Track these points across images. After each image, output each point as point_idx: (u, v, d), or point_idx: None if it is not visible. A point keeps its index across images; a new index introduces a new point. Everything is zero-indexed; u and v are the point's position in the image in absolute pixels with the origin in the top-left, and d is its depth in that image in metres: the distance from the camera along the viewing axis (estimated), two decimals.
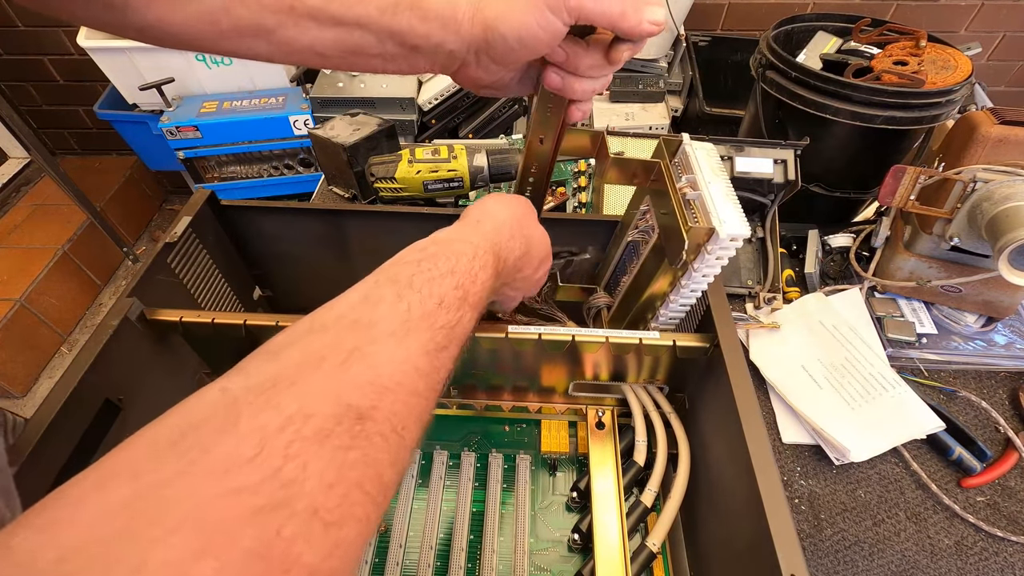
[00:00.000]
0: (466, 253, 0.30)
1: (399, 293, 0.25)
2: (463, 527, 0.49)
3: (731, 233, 0.38)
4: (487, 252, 0.32)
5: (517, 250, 0.36)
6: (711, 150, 0.43)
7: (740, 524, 0.38)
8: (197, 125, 1.27)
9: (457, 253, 0.30)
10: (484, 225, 0.34)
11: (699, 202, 0.41)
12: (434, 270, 0.28)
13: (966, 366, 0.64)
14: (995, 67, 1.63)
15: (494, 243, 0.33)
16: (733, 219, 0.39)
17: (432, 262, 0.28)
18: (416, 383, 0.23)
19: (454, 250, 0.30)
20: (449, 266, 0.28)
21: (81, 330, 1.65)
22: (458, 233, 0.33)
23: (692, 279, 0.43)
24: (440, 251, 0.29)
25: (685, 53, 1.32)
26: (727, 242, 0.39)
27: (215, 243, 0.56)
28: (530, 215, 0.40)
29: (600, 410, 0.55)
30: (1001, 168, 0.55)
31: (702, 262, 0.41)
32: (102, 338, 0.42)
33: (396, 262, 0.29)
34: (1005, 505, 0.54)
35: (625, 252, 0.54)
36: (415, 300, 0.25)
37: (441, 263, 0.28)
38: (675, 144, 0.45)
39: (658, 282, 0.46)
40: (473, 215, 0.36)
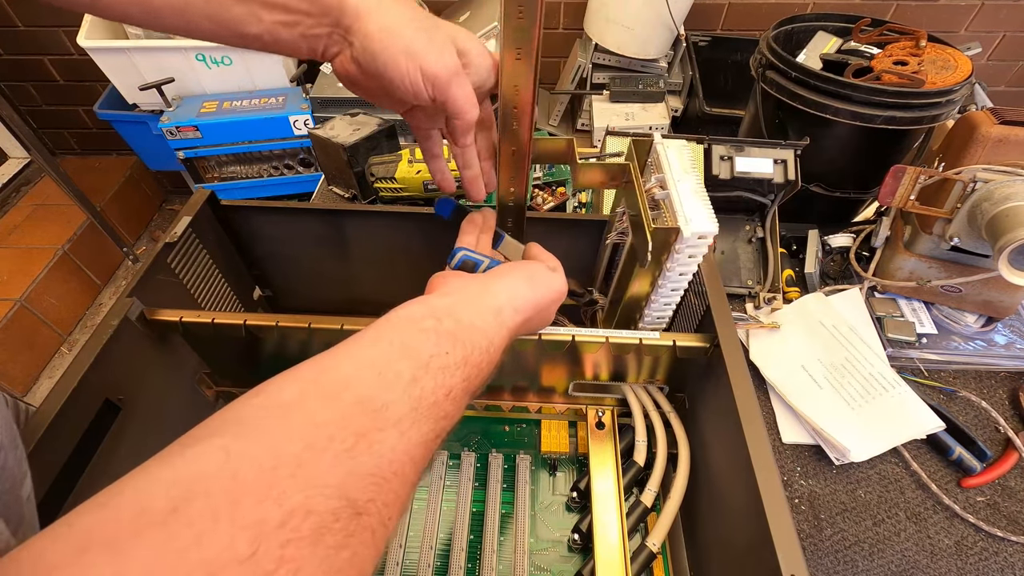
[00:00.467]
0: (479, 345, 0.29)
1: (415, 375, 0.24)
2: (463, 527, 0.49)
3: (697, 231, 0.38)
4: (499, 348, 0.31)
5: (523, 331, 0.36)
6: (683, 147, 0.43)
7: (740, 524, 0.38)
8: (197, 125, 1.27)
9: (473, 343, 0.28)
10: (505, 318, 0.32)
11: (667, 201, 0.40)
12: (450, 356, 0.26)
13: (966, 366, 0.64)
14: (995, 67, 1.63)
15: (508, 338, 0.32)
16: (700, 217, 0.39)
17: (450, 343, 0.27)
18: (409, 473, 0.22)
19: (471, 339, 0.28)
20: (463, 355, 0.27)
21: (81, 330, 1.65)
22: (477, 316, 0.30)
23: (669, 279, 0.43)
24: (458, 333, 0.28)
25: (685, 53, 1.32)
26: (695, 240, 0.39)
27: (215, 243, 0.56)
28: (555, 305, 0.39)
29: (600, 410, 0.55)
30: (1001, 168, 0.55)
31: (674, 261, 0.41)
32: (102, 338, 0.42)
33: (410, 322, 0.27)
34: (1005, 505, 0.54)
35: (612, 254, 0.54)
36: (428, 388, 0.24)
37: (458, 349, 0.27)
38: (646, 144, 0.44)
39: (638, 283, 0.46)
40: (497, 298, 0.33)
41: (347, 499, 0.18)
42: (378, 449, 0.21)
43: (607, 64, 1.34)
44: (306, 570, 0.16)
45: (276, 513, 0.16)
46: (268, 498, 0.17)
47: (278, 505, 0.16)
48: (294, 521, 0.16)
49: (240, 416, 0.20)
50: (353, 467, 0.19)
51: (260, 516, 0.16)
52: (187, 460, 0.17)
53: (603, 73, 1.34)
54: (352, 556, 0.18)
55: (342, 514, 0.18)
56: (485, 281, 0.35)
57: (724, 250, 0.73)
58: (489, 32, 1.19)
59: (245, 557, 0.15)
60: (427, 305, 0.30)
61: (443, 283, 0.35)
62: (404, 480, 0.22)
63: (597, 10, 1.25)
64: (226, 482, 0.17)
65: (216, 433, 0.19)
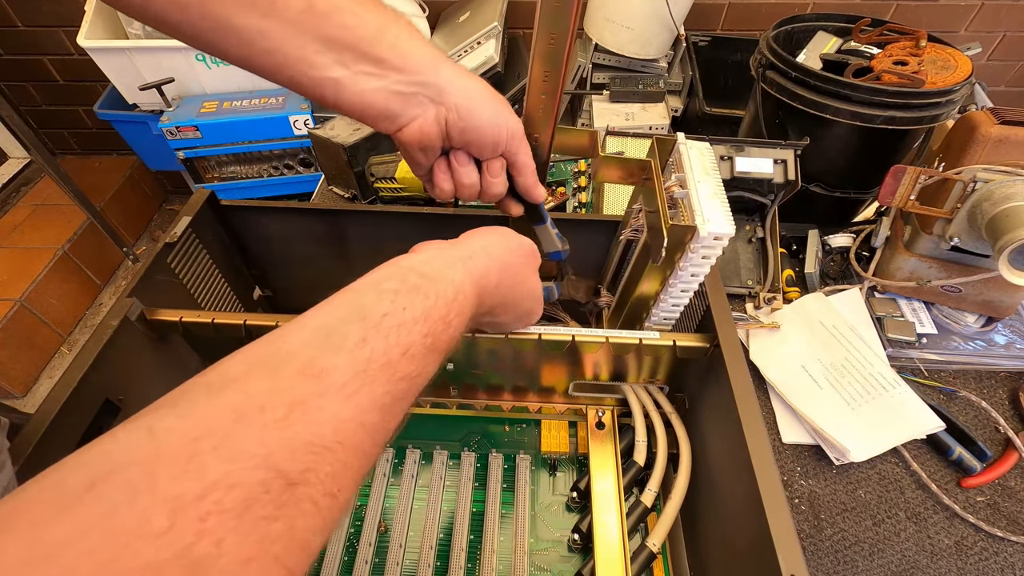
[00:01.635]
0: (445, 295, 0.28)
1: (364, 336, 0.23)
2: (463, 527, 0.49)
3: (714, 232, 0.38)
4: (468, 296, 0.30)
5: (498, 298, 0.35)
6: (706, 149, 0.44)
7: (740, 524, 0.38)
8: (197, 125, 1.27)
9: (437, 293, 0.27)
10: (474, 263, 0.32)
11: (686, 201, 0.41)
12: (408, 311, 0.25)
13: (966, 366, 0.64)
14: (995, 67, 1.63)
15: (479, 285, 0.31)
16: (718, 218, 0.39)
17: (409, 298, 0.26)
18: (361, 440, 0.21)
19: (436, 289, 0.27)
20: (424, 309, 0.26)
21: (81, 330, 1.65)
22: (445, 266, 0.30)
23: (680, 278, 0.43)
24: (421, 286, 0.27)
25: (685, 53, 1.32)
26: (710, 240, 0.39)
27: (215, 243, 0.56)
28: (530, 264, 0.39)
29: (600, 410, 0.55)
30: (1001, 168, 0.55)
31: (687, 261, 0.41)
32: (102, 338, 0.42)
33: (373, 285, 0.27)
34: (1005, 505, 0.54)
35: (624, 251, 0.54)
36: (379, 348, 0.23)
37: (418, 303, 0.26)
38: (670, 143, 0.45)
39: (649, 281, 0.46)
40: (468, 246, 0.34)
41: (276, 470, 0.18)
42: (316, 416, 0.20)
43: (607, 64, 1.34)
44: (229, 540, 0.16)
45: (195, 486, 0.16)
46: (187, 472, 0.16)
47: (197, 478, 0.16)
48: (215, 494, 0.16)
49: (181, 394, 0.20)
50: (284, 437, 0.18)
51: (178, 490, 0.16)
52: (114, 439, 0.17)
53: (603, 73, 1.34)
54: (287, 527, 0.17)
55: (272, 485, 0.17)
56: (459, 239, 0.35)
57: (724, 250, 0.73)
58: (489, 32, 1.19)
59: (162, 531, 0.15)
60: (394, 265, 0.29)
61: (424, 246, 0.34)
62: (354, 448, 0.21)
63: (597, 10, 1.25)
64: (145, 457, 0.16)
65: (148, 413, 0.19)
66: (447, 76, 0.36)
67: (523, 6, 1.49)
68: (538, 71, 0.38)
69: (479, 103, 0.37)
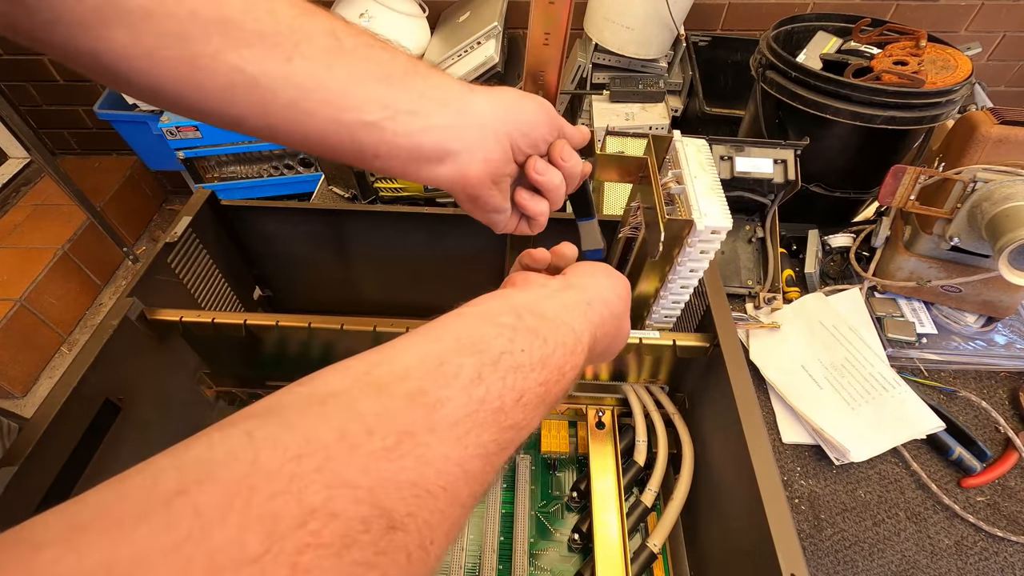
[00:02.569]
0: (565, 344, 0.25)
1: (480, 372, 0.21)
2: (463, 527, 0.49)
3: (711, 225, 0.38)
4: (585, 350, 0.26)
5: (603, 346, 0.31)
6: (702, 146, 0.44)
7: (740, 524, 0.38)
8: (197, 125, 1.27)
9: (557, 342, 0.24)
10: (594, 311, 0.28)
11: (683, 196, 0.41)
12: (526, 354, 0.23)
13: (966, 366, 0.64)
14: (995, 67, 1.63)
15: (594, 336, 0.28)
16: (714, 212, 0.39)
17: (527, 341, 0.23)
18: (461, 490, 0.18)
19: (556, 337, 0.24)
20: (543, 355, 0.23)
21: (81, 330, 1.65)
22: (565, 311, 0.27)
23: (679, 274, 0.43)
24: (540, 329, 0.24)
25: (685, 53, 1.32)
26: (708, 234, 0.39)
27: (215, 243, 0.56)
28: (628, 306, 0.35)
29: (600, 410, 0.55)
30: (1001, 168, 0.55)
31: (686, 256, 0.41)
32: (102, 338, 0.42)
33: (487, 317, 0.24)
34: (1005, 505, 0.54)
35: (624, 250, 0.54)
36: (494, 389, 0.21)
37: (537, 348, 0.23)
38: (666, 141, 0.45)
39: (648, 279, 0.46)
40: (584, 290, 0.30)
41: (380, 507, 0.15)
42: (424, 453, 0.17)
43: (607, 64, 1.34)
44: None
45: (294, 509, 0.14)
46: (287, 492, 0.14)
47: (297, 501, 0.14)
48: (315, 523, 0.14)
49: (280, 403, 0.18)
50: (391, 470, 0.16)
51: (276, 510, 0.14)
52: (210, 442, 0.16)
53: (603, 73, 1.34)
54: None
55: (373, 525, 0.15)
56: (566, 279, 0.31)
57: (724, 250, 0.73)
58: (489, 32, 1.19)
59: (255, 557, 0.13)
60: (507, 299, 0.26)
61: (524, 279, 0.32)
62: (454, 497, 0.18)
63: (597, 10, 1.25)
64: (243, 467, 0.15)
65: (247, 418, 0.17)
66: (482, 97, 0.33)
67: (523, 6, 1.49)
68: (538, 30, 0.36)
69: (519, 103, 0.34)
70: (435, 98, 0.31)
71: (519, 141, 0.34)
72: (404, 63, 0.30)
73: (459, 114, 0.31)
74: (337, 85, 0.28)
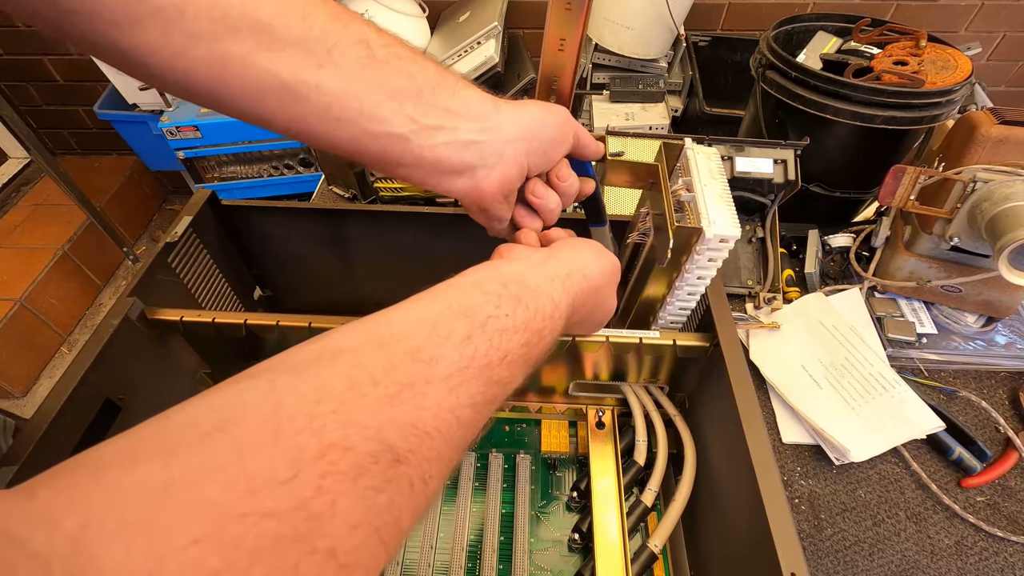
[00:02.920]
0: (544, 310, 0.28)
1: (470, 333, 0.24)
2: (463, 527, 0.49)
3: (720, 234, 0.38)
4: (563, 316, 0.30)
5: (583, 315, 0.34)
6: (713, 154, 0.44)
7: (740, 524, 0.38)
8: (197, 125, 1.27)
9: (537, 307, 0.27)
10: (572, 282, 0.31)
11: (692, 204, 0.41)
12: (510, 319, 0.26)
13: (966, 366, 0.64)
14: (995, 67, 1.63)
15: (572, 305, 0.31)
16: (724, 220, 0.39)
17: (512, 306, 0.26)
18: (454, 433, 0.22)
19: (536, 303, 0.27)
20: (525, 319, 0.26)
21: (81, 330, 1.66)
22: (545, 282, 0.30)
23: (686, 281, 0.43)
24: (522, 296, 0.27)
25: (685, 53, 1.32)
26: (716, 243, 0.39)
27: (215, 243, 0.56)
28: (614, 283, 0.38)
29: (600, 410, 0.55)
30: (1001, 168, 0.55)
31: (693, 263, 0.41)
32: (102, 338, 0.42)
33: (475, 286, 0.27)
34: (1005, 505, 0.54)
35: (632, 256, 0.54)
36: (481, 348, 0.24)
37: (520, 313, 0.26)
38: (677, 148, 0.45)
39: (655, 284, 0.46)
40: (566, 263, 0.32)
41: (386, 444, 0.18)
42: (422, 401, 0.20)
43: (607, 64, 1.34)
44: (342, 504, 0.16)
45: (315, 443, 0.17)
46: (308, 429, 0.17)
47: (317, 437, 0.17)
48: (332, 455, 0.17)
49: (293, 359, 0.21)
50: (395, 414, 0.19)
51: (300, 443, 0.16)
52: (237, 389, 0.18)
53: (603, 73, 1.34)
54: (389, 503, 0.18)
55: (381, 458, 0.18)
56: (551, 251, 0.34)
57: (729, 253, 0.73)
58: (489, 32, 1.19)
59: (285, 480, 0.16)
60: (494, 270, 0.29)
61: (510, 251, 0.34)
62: (448, 439, 0.21)
63: (597, 10, 1.25)
64: (269, 409, 0.17)
65: (266, 370, 0.19)
66: (507, 114, 0.34)
67: (523, 6, 1.49)
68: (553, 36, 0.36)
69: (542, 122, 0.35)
70: (461, 113, 0.32)
71: (536, 160, 0.35)
72: (433, 76, 0.31)
73: (483, 131, 0.32)
74: (368, 96, 0.29)
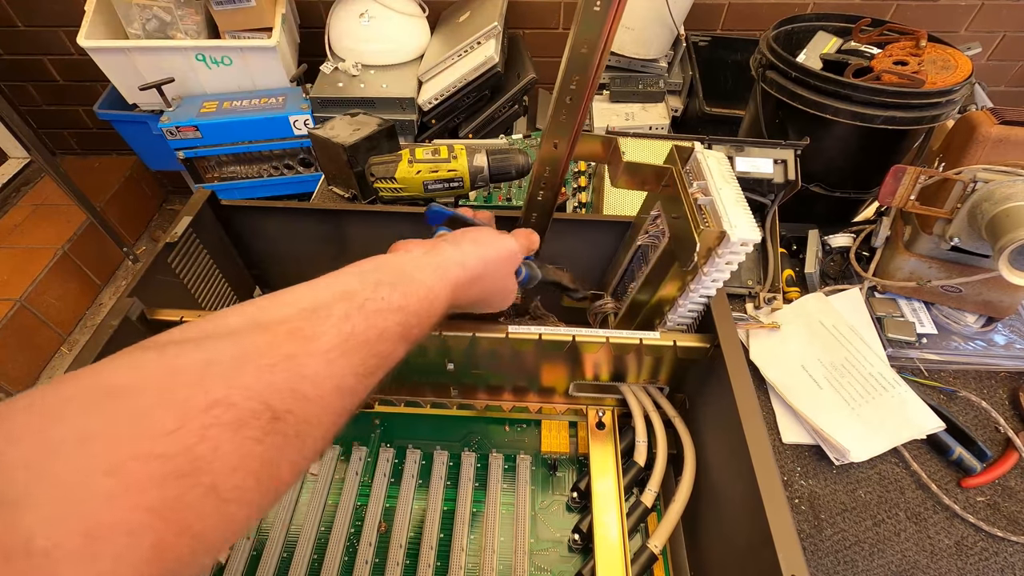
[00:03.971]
0: (418, 294, 0.31)
1: (348, 313, 0.26)
2: (463, 527, 0.49)
3: (742, 237, 0.39)
4: (440, 298, 0.33)
5: (473, 298, 0.38)
6: (722, 158, 0.44)
7: (740, 524, 0.38)
8: (197, 125, 1.27)
9: (412, 292, 0.30)
10: (447, 273, 0.35)
11: (710, 207, 0.41)
12: (386, 300, 0.29)
13: (966, 366, 0.64)
14: (995, 67, 1.63)
15: (452, 291, 0.34)
16: (744, 224, 0.39)
17: (388, 290, 0.29)
18: (334, 401, 0.24)
19: (411, 289, 0.31)
20: (400, 302, 0.29)
21: (81, 330, 1.65)
22: (418, 270, 0.33)
23: (701, 283, 0.43)
24: (398, 283, 0.30)
25: (685, 53, 1.32)
26: (737, 246, 0.39)
27: (215, 243, 0.56)
28: (506, 266, 0.41)
29: (600, 410, 0.55)
30: (1001, 168, 0.55)
31: (712, 266, 0.41)
32: (102, 338, 0.42)
33: (357, 273, 0.30)
34: (1005, 505, 0.54)
35: (634, 257, 0.54)
36: (359, 326, 0.26)
37: (396, 296, 0.29)
38: (687, 151, 0.45)
39: (667, 286, 0.46)
40: (443, 256, 0.36)
41: (265, 403, 0.21)
42: (301, 370, 0.23)
43: (607, 64, 1.34)
44: (223, 448, 0.19)
45: (202, 399, 0.20)
46: (198, 386, 0.20)
47: (204, 393, 0.20)
48: (217, 410, 0.20)
49: (185, 336, 0.24)
50: (274, 379, 0.22)
51: (187, 398, 0.20)
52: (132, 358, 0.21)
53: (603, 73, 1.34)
54: (266, 451, 0.21)
55: (261, 415, 0.21)
56: (434, 242, 0.38)
57: None
58: (489, 32, 1.19)
59: (171, 430, 0.18)
60: (376, 260, 0.33)
61: (400, 246, 0.38)
62: (327, 405, 0.24)
63: None
64: (166, 371, 0.21)
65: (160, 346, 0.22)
66: None
67: (523, 6, 1.49)
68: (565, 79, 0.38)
69: None
70: None
71: None
72: None
73: None
74: None
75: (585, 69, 0.37)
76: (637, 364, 0.51)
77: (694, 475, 0.47)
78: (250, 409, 0.21)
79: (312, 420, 0.23)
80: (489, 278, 0.39)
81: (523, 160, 0.62)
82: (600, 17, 0.34)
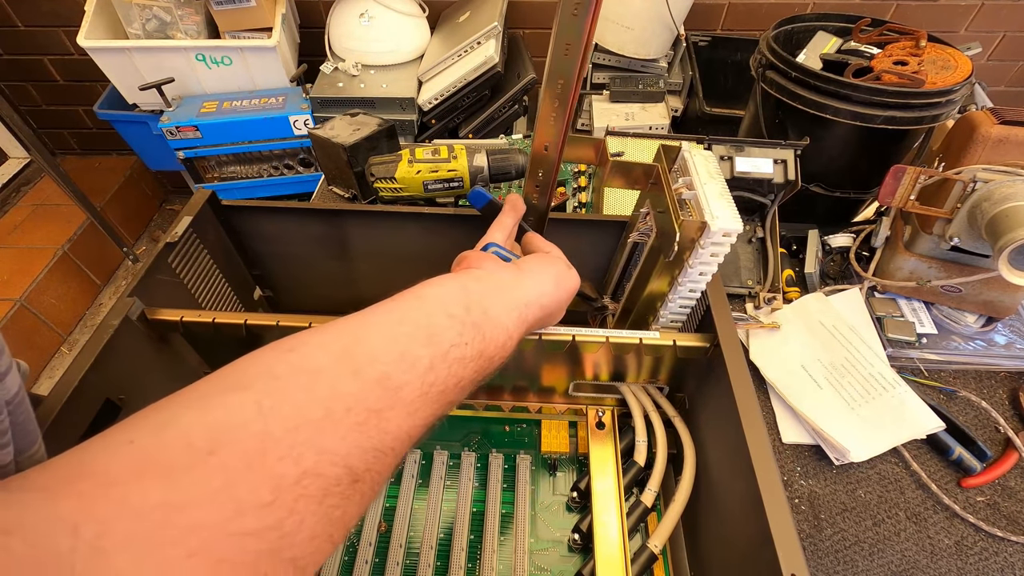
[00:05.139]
0: (497, 340, 0.30)
1: (432, 363, 0.26)
2: (463, 527, 0.49)
3: (723, 228, 0.39)
4: (514, 344, 0.32)
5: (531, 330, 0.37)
6: (709, 156, 0.45)
7: (740, 524, 0.38)
8: (197, 125, 1.27)
9: (492, 337, 0.30)
10: (529, 312, 0.34)
11: (694, 201, 0.42)
12: (469, 347, 0.28)
13: (966, 366, 0.64)
14: (995, 67, 1.63)
15: (523, 332, 0.34)
16: (726, 215, 0.40)
17: (472, 334, 0.28)
18: (404, 448, 0.25)
19: (492, 333, 0.30)
20: (480, 348, 0.29)
21: (81, 330, 1.65)
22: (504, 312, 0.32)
23: (688, 276, 0.43)
24: (482, 325, 0.29)
25: (685, 53, 1.32)
26: (719, 236, 0.40)
27: (215, 243, 0.56)
28: (569, 300, 0.41)
29: (600, 410, 0.55)
30: (1001, 168, 0.55)
31: (696, 258, 0.41)
32: (103, 338, 0.42)
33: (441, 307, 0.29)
34: (1005, 505, 0.54)
35: (630, 257, 0.54)
36: (441, 376, 0.26)
37: (476, 342, 0.29)
38: (674, 151, 0.46)
39: (657, 281, 0.46)
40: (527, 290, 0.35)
41: (349, 467, 0.21)
42: (385, 426, 0.23)
43: (607, 64, 1.34)
44: (308, 521, 0.19)
45: (293, 471, 0.19)
46: (289, 457, 0.20)
47: (296, 464, 0.20)
48: (306, 480, 0.20)
49: (273, 372, 0.23)
50: (361, 440, 0.22)
51: (281, 471, 0.19)
52: (226, 407, 0.20)
53: (603, 73, 1.34)
54: (343, 514, 0.21)
55: (343, 480, 0.21)
56: (517, 274, 0.36)
57: None
58: (489, 32, 1.19)
59: (267, 503, 0.18)
60: (462, 289, 0.31)
61: (478, 263, 0.36)
62: (398, 455, 0.24)
63: None
64: (257, 435, 0.20)
65: (251, 386, 0.21)
66: None
67: (523, 6, 1.49)
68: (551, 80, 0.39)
69: None
70: None
71: None
72: None
73: None
74: None
75: (569, 72, 0.37)
76: (637, 364, 0.51)
77: (694, 475, 0.47)
78: (335, 476, 0.21)
79: (386, 472, 0.23)
80: (553, 318, 0.39)
81: (523, 160, 0.62)
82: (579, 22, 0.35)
